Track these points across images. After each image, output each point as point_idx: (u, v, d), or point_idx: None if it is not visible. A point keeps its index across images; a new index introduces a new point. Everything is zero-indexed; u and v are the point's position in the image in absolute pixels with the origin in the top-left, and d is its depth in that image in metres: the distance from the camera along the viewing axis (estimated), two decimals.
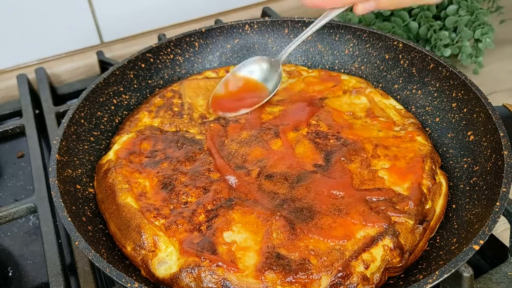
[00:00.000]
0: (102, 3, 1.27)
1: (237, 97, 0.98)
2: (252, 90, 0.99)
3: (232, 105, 0.96)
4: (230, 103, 0.97)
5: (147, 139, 0.91)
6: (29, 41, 1.26)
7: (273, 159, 0.84)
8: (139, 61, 1.03)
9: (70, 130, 0.86)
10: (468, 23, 1.19)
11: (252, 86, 0.99)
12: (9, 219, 0.87)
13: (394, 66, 1.01)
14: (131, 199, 0.78)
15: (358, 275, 0.67)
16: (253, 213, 0.75)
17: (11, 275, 0.88)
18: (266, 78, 0.99)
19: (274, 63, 0.99)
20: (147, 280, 0.71)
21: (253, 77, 1.00)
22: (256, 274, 0.67)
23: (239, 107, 0.96)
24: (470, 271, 0.65)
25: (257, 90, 0.98)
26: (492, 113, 0.79)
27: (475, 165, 0.80)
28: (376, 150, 0.85)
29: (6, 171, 1.09)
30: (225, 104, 0.97)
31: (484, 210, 0.69)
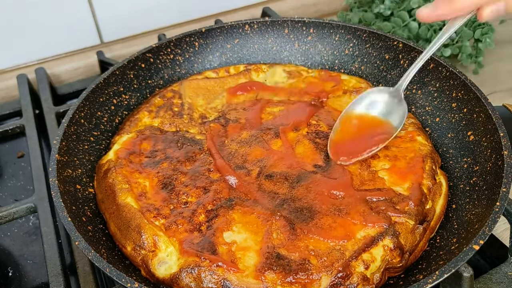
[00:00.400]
0: (102, 3, 1.27)
1: (358, 137, 0.85)
2: (372, 127, 0.86)
3: (352, 148, 0.83)
4: (350, 146, 0.84)
5: (147, 139, 0.91)
6: (29, 41, 1.26)
7: (273, 159, 0.84)
8: (139, 61, 1.03)
9: (70, 130, 0.86)
10: (468, 23, 1.19)
11: (372, 122, 0.86)
12: (9, 219, 0.87)
13: (394, 66, 1.01)
14: (131, 199, 0.78)
15: (358, 275, 0.67)
16: (253, 213, 0.75)
17: (11, 275, 0.88)
18: (387, 112, 0.87)
19: (393, 93, 0.88)
20: (147, 280, 0.71)
21: (372, 113, 0.87)
22: (256, 274, 0.67)
23: (363, 149, 0.83)
24: (470, 271, 0.65)
25: (378, 127, 0.86)
26: (492, 113, 0.79)
27: (475, 165, 0.80)
28: None
29: (6, 171, 1.09)
30: (345, 149, 0.84)
31: (484, 210, 0.69)
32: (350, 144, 0.84)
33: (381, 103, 0.87)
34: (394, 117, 0.85)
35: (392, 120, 0.85)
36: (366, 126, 0.86)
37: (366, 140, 0.84)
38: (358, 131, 0.86)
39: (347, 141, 0.84)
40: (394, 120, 0.85)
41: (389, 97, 0.87)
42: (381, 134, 0.84)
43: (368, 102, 0.88)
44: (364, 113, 0.87)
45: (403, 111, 0.85)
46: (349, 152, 0.83)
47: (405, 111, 0.85)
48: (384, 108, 0.86)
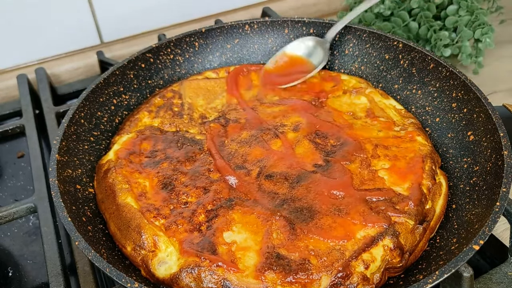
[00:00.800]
0: (102, 3, 1.27)
1: (285, 72, 1.05)
2: (298, 66, 1.06)
3: (279, 80, 1.04)
4: (278, 78, 1.04)
5: (147, 139, 0.91)
6: (29, 41, 1.26)
7: (273, 159, 0.84)
8: (139, 61, 1.03)
9: (70, 130, 0.86)
10: (468, 23, 1.19)
11: (298, 62, 1.07)
12: (9, 219, 0.87)
13: (394, 66, 1.01)
14: (131, 199, 0.78)
15: (358, 275, 0.67)
16: (253, 213, 0.75)
17: (11, 275, 0.88)
18: (310, 54, 1.06)
19: (321, 41, 1.06)
20: (147, 280, 0.71)
21: (298, 54, 1.07)
22: (256, 274, 0.67)
23: (287, 81, 1.03)
24: (470, 271, 0.65)
25: (302, 66, 1.06)
26: (492, 113, 0.79)
27: (475, 165, 0.80)
28: (376, 150, 0.85)
29: (6, 171, 1.09)
30: (274, 79, 1.04)
31: (484, 210, 0.69)
32: (278, 76, 1.05)
33: (308, 47, 1.08)
34: (315, 58, 1.06)
35: (313, 60, 1.06)
36: (292, 64, 1.07)
37: (291, 75, 1.04)
38: (285, 67, 1.07)
39: (276, 73, 1.06)
40: (315, 60, 1.06)
41: (315, 43, 1.07)
42: (304, 72, 1.04)
43: (297, 45, 1.08)
44: (293, 53, 1.08)
45: (325, 54, 1.05)
46: (277, 82, 1.03)
47: (326, 54, 1.05)
48: (308, 50, 1.07)
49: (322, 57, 1.05)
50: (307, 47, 1.07)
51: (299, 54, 1.07)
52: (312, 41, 1.07)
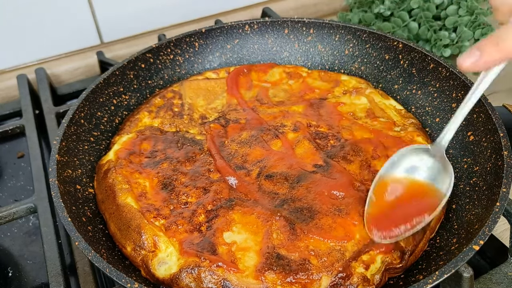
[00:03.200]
0: (102, 3, 1.27)
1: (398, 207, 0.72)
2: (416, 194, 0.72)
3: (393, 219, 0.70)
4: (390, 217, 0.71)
5: (147, 139, 0.91)
6: (29, 41, 1.26)
7: (273, 160, 0.84)
8: (139, 61, 1.03)
9: (70, 131, 0.86)
10: (468, 24, 1.19)
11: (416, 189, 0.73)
12: (9, 219, 0.87)
13: (394, 66, 1.01)
14: (131, 199, 0.78)
15: (359, 275, 0.67)
16: (253, 213, 0.75)
17: (11, 275, 0.88)
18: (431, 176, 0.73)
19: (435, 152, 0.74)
20: (147, 281, 0.71)
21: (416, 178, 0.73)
22: (256, 275, 0.67)
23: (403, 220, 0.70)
24: (470, 271, 0.65)
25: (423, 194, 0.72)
26: (492, 113, 0.79)
27: (475, 165, 0.80)
28: (376, 150, 0.85)
29: (6, 171, 1.09)
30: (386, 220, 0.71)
31: (484, 211, 0.69)
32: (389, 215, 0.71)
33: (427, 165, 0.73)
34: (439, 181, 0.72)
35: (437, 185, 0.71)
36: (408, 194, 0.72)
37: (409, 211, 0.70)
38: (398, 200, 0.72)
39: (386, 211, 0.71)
40: (440, 184, 0.71)
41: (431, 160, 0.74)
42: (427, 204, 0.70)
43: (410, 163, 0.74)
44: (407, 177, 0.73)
45: (450, 174, 0.72)
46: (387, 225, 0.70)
47: (452, 173, 0.72)
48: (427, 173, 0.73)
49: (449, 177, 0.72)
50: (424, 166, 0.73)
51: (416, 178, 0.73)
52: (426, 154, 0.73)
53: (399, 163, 0.74)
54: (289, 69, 1.08)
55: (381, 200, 0.72)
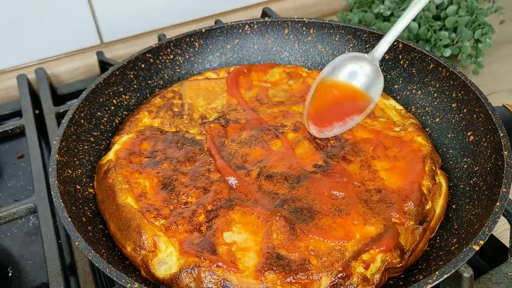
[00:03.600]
0: (102, 3, 1.27)
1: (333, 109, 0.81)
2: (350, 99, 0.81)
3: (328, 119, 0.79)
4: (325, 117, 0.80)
5: (147, 139, 0.91)
6: (29, 41, 1.26)
7: (273, 160, 0.84)
8: (139, 61, 1.03)
9: (70, 131, 0.86)
10: (468, 24, 1.19)
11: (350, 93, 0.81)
12: (9, 220, 0.87)
13: (394, 66, 1.01)
14: (131, 200, 0.78)
15: (358, 275, 0.67)
16: (253, 213, 0.75)
17: (11, 275, 0.88)
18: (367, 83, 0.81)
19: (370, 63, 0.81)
20: (147, 281, 0.71)
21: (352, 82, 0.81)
22: (256, 275, 0.67)
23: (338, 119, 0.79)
24: (470, 271, 0.65)
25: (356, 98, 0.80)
26: (492, 113, 0.79)
27: (475, 165, 0.80)
28: (376, 150, 0.85)
29: (6, 171, 1.09)
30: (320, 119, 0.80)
31: (484, 211, 0.69)
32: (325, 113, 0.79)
33: (362, 74, 0.81)
34: (372, 90, 0.81)
35: (370, 93, 0.80)
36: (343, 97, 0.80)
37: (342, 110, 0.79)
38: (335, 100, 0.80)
39: (322, 109, 0.79)
40: (372, 93, 0.80)
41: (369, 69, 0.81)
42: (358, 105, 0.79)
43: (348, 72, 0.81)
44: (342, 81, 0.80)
45: (381, 83, 0.81)
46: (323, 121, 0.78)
47: (382, 84, 0.81)
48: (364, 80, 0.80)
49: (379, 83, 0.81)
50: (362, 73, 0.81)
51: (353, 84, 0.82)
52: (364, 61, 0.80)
53: (340, 68, 0.81)
54: (289, 69, 1.08)
55: (320, 99, 0.80)
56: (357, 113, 0.78)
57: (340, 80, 0.81)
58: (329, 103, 0.80)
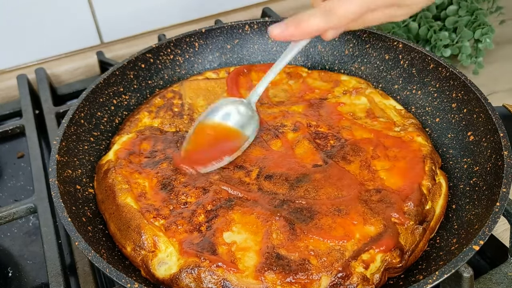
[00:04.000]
0: (102, 3, 1.27)
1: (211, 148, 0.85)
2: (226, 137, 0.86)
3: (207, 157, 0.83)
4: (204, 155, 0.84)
5: (147, 139, 0.91)
6: (29, 41, 1.26)
7: (273, 160, 0.84)
8: (139, 62, 1.03)
9: (70, 131, 0.86)
10: (468, 24, 1.19)
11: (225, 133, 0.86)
12: (9, 220, 0.87)
13: (394, 66, 1.01)
14: (131, 200, 0.78)
15: (358, 275, 0.67)
16: (252, 213, 0.75)
17: (11, 275, 0.88)
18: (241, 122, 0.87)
19: (246, 105, 0.88)
20: (147, 281, 0.71)
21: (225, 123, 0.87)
22: (256, 275, 0.67)
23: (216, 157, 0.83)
24: (470, 271, 0.65)
25: (230, 137, 0.86)
26: (492, 113, 0.79)
27: (475, 165, 0.80)
28: (376, 150, 0.85)
29: (6, 171, 1.09)
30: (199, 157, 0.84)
31: (484, 211, 0.69)
32: (203, 153, 0.84)
33: (236, 114, 0.87)
34: (247, 128, 0.87)
35: (245, 130, 0.86)
36: (219, 136, 0.86)
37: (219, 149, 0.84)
38: (212, 140, 0.85)
39: (199, 150, 0.84)
40: (247, 131, 0.86)
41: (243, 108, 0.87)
42: (234, 144, 0.85)
43: (222, 113, 0.87)
44: (218, 123, 0.86)
45: (256, 122, 0.88)
46: (201, 161, 0.83)
47: (257, 122, 0.88)
48: (239, 119, 0.87)
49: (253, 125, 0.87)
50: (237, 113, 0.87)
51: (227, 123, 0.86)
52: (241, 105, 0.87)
53: (217, 110, 0.87)
54: (289, 69, 1.08)
55: (197, 140, 0.85)
56: (233, 152, 0.84)
57: (216, 121, 0.86)
58: (206, 144, 0.85)
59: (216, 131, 0.86)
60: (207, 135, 0.85)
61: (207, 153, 0.84)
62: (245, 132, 0.86)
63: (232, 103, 0.88)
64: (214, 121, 0.86)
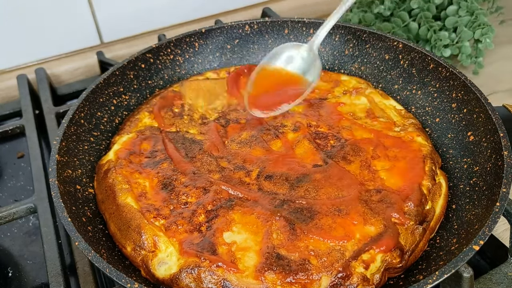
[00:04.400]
0: (102, 4, 1.27)
1: (274, 93, 0.88)
2: (288, 83, 0.88)
3: (270, 102, 0.86)
4: (267, 101, 0.86)
5: (147, 139, 0.91)
6: (29, 42, 1.26)
7: (273, 160, 0.84)
8: (139, 62, 1.03)
9: (70, 131, 0.86)
10: (468, 24, 1.19)
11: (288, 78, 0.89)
12: (9, 220, 0.87)
13: (394, 66, 1.01)
14: (131, 199, 0.78)
15: (358, 275, 0.67)
16: (253, 213, 0.75)
17: (11, 275, 0.88)
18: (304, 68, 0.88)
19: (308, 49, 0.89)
20: (147, 281, 0.71)
21: (287, 69, 0.89)
22: (256, 275, 0.67)
23: (279, 103, 0.85)
24: (470, 271, 0.65)
25: (293, 83, 0.88)
26: (492, 113, 0.79)
27: (475, 165, 0.80)
28: (376, 150, 0.85)
29: (6, 171, 1.09)
30: (262, 102, 0.86)
31: (484, 211, 0.69)
32: (267, 98, 0.86)
33: (298, 59, 0.88)
34: (310, 73, 0.88)
35: (308, 76, 0.88)
36: (282, 81, 0.87)
37: (282, 94, 0.86)
38: (275, 86, 0.87)
39: (263, 94, 0.86)
40: (310, 76, 0.87)
41: (306, 53, 0.88)
42: (297, 89, 0.86)
43: (285, 58, 0.88)
44: (280, 68, 0.88)
45: (318, 67, 0.88)
46: (265, 106, 0.85)
47: (320, 67, 0.89)
48: (301, 64, 0.88)
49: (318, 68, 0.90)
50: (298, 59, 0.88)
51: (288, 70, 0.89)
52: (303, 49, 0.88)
53: (279, 55, 0.89)
54: None
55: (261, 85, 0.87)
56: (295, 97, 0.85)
57: (278, 67, 0.88)
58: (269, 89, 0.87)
59: (278, 76, 0.87)
60: (269, 80, 0.86)
61: (270, 99, 0.85)
62: (308, 77, 0.86)
63: (295, 48, 0.88)
64: (276, 66, 0.87)
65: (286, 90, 0.86)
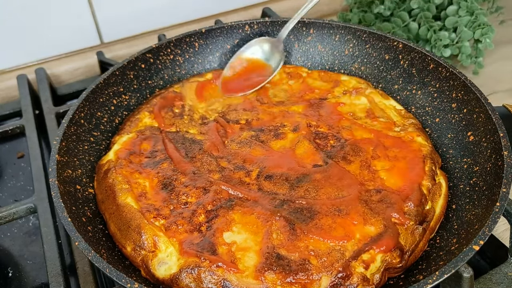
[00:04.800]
0: (102, 4, 1.27)
1: (244, 78, 1.04)
2: (257, 70, 1.05)
3: (240, 86, 1.02)
4: (238, 84, 1.03)
5: (147, 139, 0.91)
6: (29, 42, 1.26)
7: (273, 160, 0.84)
8: (139, 62, 1.03)
9: (70, 131, 0.86)
10: (468, 24, 1.19)
11: (257, 66, 1.06)
12: (9, 220, 0.87)
13: (394, 66, 1.01)
14: (131, 199, 0.78)
15: (358, 275, 0.67)
16: (253, 213, 0.75)
17: (11, 275, 0.88)
18: (268, 57, 1.06)
19: (275, 43, 1.06)
20: (147, 281, 0.71)
21: (256, 57, 1.06)
22: (256, 275, 0.67)
23: (247, 87, 1.01)
24: (470, 271, 0.65)
25: (261, 69, 1.05)
26: (492, 113, 0.79)
27: (475, 165, 0.80)
28: (376, 150, 0.85)
29: (6, 171, 1.09)
30: (234, 86, 1.03)
31: (484, 211, 0.69)
32: (238, 82, 1.03)
33: (264, 50, 1.07)
34: (273, 62, 1.05)
35: (272, 64, 1.05)
36: (251, 69, 1.05)
37: (250, 80, 1.03)
38: (244, 73, 1.05)
39: (235, 79, 1.04)
40: (273, 64, 1.05)
41: (270, 45, 1.07)
42: (263, 76, 1.03)
43: (253, 49, 1.07)
44: (250, 57, 1.07)
45: (281, 57, 1.05)
46: (236, 89, 1.02)
47: (282, 57, 1.05)
48: (265, 54, 1.07)
49: (279, 58, 1.05)
50: (263, 50, 1.07)
51: (257, 57, 1.07)
52: (267, 42, 1.07)
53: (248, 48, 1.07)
54: (289, 69, 1.08)
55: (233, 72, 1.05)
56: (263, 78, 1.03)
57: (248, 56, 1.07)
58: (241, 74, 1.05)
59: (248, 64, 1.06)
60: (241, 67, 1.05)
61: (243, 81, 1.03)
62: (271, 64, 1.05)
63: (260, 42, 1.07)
64: (246, 55, 1.06)
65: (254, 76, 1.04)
